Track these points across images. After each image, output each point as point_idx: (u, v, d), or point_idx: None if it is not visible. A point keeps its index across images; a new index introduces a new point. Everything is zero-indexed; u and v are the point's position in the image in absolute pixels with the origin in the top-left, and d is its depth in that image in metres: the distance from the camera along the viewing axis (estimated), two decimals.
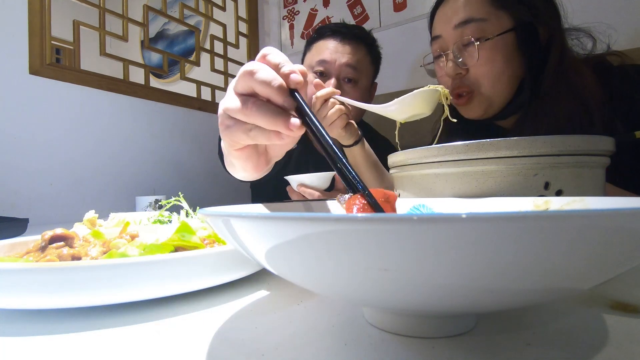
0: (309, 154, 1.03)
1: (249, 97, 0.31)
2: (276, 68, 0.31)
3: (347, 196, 0.29)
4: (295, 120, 0.30)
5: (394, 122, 0.66)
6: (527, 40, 0.61)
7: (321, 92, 0.73)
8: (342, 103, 0.74)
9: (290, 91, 0.31)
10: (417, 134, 0.92)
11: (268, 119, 0.30)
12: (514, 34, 0.61)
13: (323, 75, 0.93)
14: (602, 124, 0.55)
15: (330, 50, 0.92)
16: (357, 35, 0.94)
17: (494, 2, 0.61)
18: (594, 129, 0.55)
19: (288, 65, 0.31)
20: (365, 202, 0.27)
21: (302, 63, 1.01)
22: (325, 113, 0.73)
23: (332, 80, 0.91)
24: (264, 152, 0.38)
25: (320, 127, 0.30)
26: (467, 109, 0.67)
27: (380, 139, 1.08)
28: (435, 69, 0.72)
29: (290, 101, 0.31)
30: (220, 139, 0.44)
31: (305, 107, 0.31)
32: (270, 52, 0.32)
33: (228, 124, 0.33)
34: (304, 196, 0.83)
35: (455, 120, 0.60)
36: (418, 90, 0.63)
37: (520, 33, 0.61)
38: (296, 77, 0.30)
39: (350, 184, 0.29)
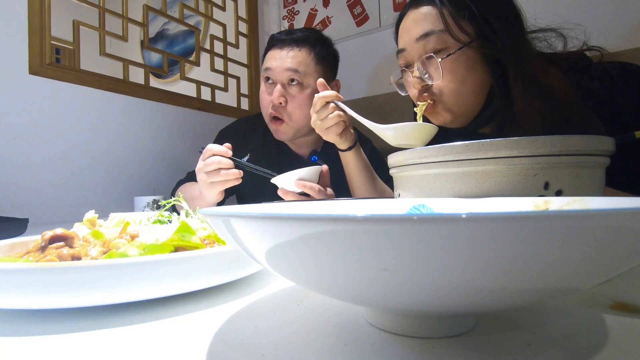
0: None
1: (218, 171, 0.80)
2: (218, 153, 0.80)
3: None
4: (239, 171, 0.81)
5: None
6: (489, 50, 0.61)
7: (322, 94, 0.75)
8: (344, 110, 0.76)
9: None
10: None
11: (232, 177, 0.80)
12: (476, 44, 0.61)
13: (270, 81, 0.99)
14: (585, 123, 0.55)
15: (274, 58, 0.98)
16: (296, 40, 0.98)
17: (452, 15, 0.61)
18: (573, 129, 0.54)
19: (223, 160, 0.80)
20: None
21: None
22: (324, 115, 0.75)
23: (278, 86, 0.96)
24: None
25: (245, 164, 0.84)
26: (433, 116, 0.67)
27: (365, 141, 1.08)
28: (404, 83, 0.72)
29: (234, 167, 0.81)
30: (175, 188, 1.10)
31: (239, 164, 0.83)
32: (210, 150, 0.80)
33: (213, 184, 0.80)
34: (300, 195, 0.83)
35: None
36: (419, 122, 0.66)
37: (482, 43, 0.61)
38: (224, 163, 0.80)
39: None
